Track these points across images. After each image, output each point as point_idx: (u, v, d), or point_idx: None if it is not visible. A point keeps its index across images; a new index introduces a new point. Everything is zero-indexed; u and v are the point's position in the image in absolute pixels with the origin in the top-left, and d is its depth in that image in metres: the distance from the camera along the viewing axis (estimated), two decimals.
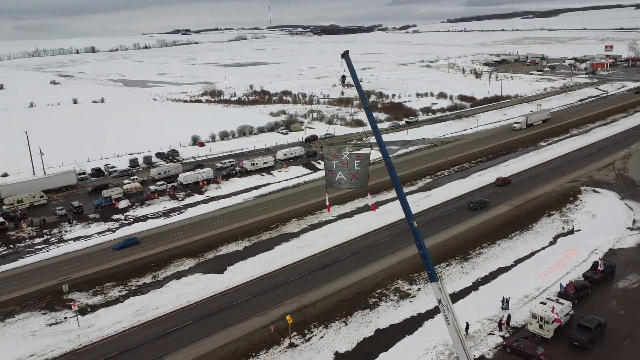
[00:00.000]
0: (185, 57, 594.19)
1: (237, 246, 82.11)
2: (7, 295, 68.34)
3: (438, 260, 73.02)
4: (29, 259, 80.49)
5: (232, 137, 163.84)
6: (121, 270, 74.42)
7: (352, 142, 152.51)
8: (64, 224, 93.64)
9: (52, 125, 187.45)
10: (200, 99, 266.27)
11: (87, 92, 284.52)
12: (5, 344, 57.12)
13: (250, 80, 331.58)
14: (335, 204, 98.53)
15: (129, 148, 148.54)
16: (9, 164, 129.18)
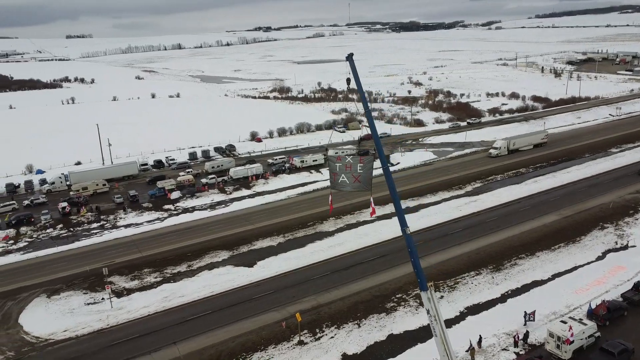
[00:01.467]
0: (262, 54, 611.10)
1: (271, 241, 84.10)
2: (58, 274, 74.75)
3: (467, 268, 70.67)
4: (84, 242, 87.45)
5: (289, 133, 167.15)
6: (160, 258, 78.87)
7: (408, 142, 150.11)
8: (119, 211, 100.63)
9: (128, 117, 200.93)
10: (269, 95, 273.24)
11: (166, 87, 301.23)
12: (47, 318, 62.76)
13: (320, 77, 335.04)
14: (375, 205, 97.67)
15: (193, 141, 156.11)
16: (84, 154, 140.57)
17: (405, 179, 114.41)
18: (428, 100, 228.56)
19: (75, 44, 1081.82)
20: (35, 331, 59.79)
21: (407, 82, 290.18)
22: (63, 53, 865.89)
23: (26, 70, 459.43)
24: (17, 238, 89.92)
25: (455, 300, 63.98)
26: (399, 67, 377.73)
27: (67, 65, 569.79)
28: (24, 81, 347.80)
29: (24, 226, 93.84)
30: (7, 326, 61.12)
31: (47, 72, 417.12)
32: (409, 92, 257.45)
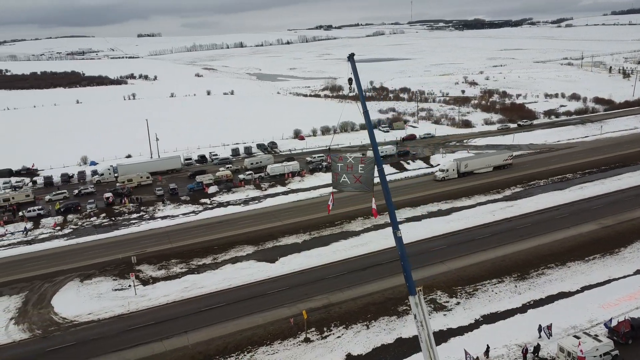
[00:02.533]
0: (320, 53, 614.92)
1: (296, 238, 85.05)
2: (94, 260, 79.33)
3: (489, 275, 68.37)
4: (122, 231, 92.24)
5: (333, 132, 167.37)
6: (188, 250, 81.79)
7: (451, 144, 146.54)
8: (159, 203, 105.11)
9: (181, 113, 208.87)
10: (319, 93, 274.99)
11: (222, 85, 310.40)
12: (76, 301, 66.85)
13: (373, 76, 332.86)
14: (407, 206, 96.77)
15: (239, 138, 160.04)
16: (135, 147, 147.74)
17: (439, 182, 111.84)
18: (481, 101, 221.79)
19: (145, 42, 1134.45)
20: (63, 312, 63.89)
21: (461, 82, 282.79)
22: (133, 51, 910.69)
23: (97, 67, 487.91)
24: (64, 225, 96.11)
25: (471, 307, 62.16)
26: (456, 66, 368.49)
27: (135, 62, 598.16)
28: (93, 77, 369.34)
29: (71, 214, 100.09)
30: (40, 306, 65.67)
31: (116, 69, 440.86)
32: (463, 92, 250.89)
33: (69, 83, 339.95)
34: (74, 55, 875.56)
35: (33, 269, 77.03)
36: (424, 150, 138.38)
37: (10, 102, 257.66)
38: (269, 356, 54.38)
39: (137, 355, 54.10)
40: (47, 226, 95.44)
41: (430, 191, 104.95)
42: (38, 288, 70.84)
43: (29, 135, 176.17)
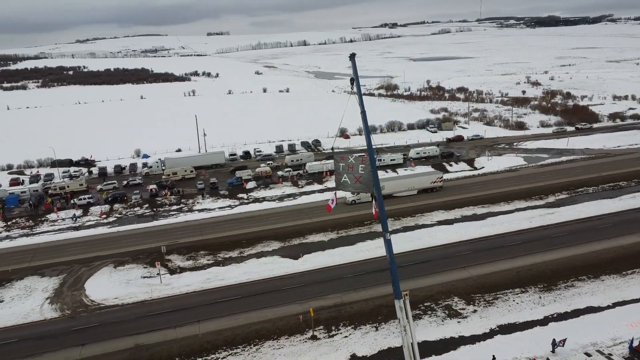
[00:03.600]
0: (381, 51, 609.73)
1: (323, 236, 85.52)
2: (130, 247, 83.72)
3: (512, 284, 65.68)
4: (160, 222, 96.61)
5: (379, 132, 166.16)
6: (217, 242, 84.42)
7: (500, 146, 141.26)
8: (198, 196, 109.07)
9: (234, 110, 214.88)
10: (373, 92, 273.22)
11: (279, 83, 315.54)
12: (107, 285, 70.96)
13: (432, 75, 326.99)
14: (441, 209, 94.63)
15: (287, 134, 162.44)
16: (185, 142, 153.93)
17: (481, 185, 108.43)
18: (541, 102, 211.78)
19: (214, 40, 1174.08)
20: (93, 295, 68.07)
21: (523, 82, 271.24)
22: (202, 49, 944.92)
23: (166, 64, 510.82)
24: (109, 213, 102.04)
25: (488, 316, 60.07)
26: (521, 66, 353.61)
27: (202, 60, 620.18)
28: (159, 74, 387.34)
29: (117, 203, 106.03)
30: (74, 288, 70.31)
31: (183, 66, 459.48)
32: (523, 92, 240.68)
33: (137, 79, 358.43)
34: (146, 53, 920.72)
35: (75, 253, 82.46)
36: (469, 152, 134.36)
37: (82, 96, 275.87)
38: (274, 350, 55.32)
39: (150, 340, 56.76)
40: (94, 214, 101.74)
41: (468, 194, 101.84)
42: (76, 271, 75.83)
43: (92, 127, 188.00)
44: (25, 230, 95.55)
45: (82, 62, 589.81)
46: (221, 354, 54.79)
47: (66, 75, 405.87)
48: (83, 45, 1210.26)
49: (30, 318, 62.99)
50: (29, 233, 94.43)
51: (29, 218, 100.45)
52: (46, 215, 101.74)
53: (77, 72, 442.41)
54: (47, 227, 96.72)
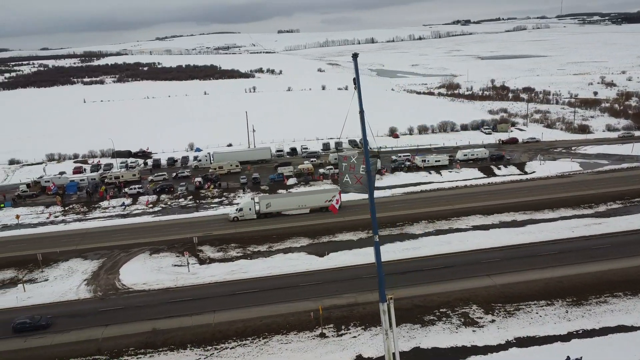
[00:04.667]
0: (449, 49, 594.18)
1: (353, 235, 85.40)
2: (168, 236, 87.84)
3: (538, 296, 62.41)
4: (201, 213, 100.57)
5: (431, 131, 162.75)
6: (248, 236, 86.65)
7: (556, 150, 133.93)
8: (240, 190, 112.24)
9: (289, 106, 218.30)
10: (433, 91, 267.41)
11: (339, 80, 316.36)
12: (139, 271, 74.99)
13: (499, 74, 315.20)
14: (479, 214, 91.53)
15: (337, 132, 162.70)
16: (237, 137, 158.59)
17: (527, 190, 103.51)
18: (613, 104, 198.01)
19: (284, 38, 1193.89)
20: (125, 280, 72.25)
21: (597, 82, 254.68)
22: (272, 46, 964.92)
23: (234, 61, 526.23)
24: (155, 203, 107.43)
25: (507, 327, 57.58)
26: (597, 65, 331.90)
27: (270, 57, 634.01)
28: (226, 71, 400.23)
29: (164, 194, 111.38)
30: (110, 272, 74.95)
31: (249, 63, 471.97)
32: (595, 93, 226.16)
33: (204, 76, 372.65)
34: (218, 50, 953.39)
35: (118, 239, 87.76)
36: (521, 156, 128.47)
37: (151, 91, 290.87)
38: (282, 345, 56.24)
39: (166, 325, 59.51)
40: (142, 203, 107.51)
41: (511, 200, 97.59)
42: (115, 256, 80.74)
43: (155, 121, 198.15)
44: (79, 216, 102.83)
45: (157, 58, 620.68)
46: (230, 344, 56.46)
47: (141, 71, 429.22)
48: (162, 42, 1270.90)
49: (66, 297, 67.97)
50: (81, 218, 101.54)
51: (84, 204, 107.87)
52: (100, 202, 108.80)
53: (152, 68, 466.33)
54: (99, 214, 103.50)
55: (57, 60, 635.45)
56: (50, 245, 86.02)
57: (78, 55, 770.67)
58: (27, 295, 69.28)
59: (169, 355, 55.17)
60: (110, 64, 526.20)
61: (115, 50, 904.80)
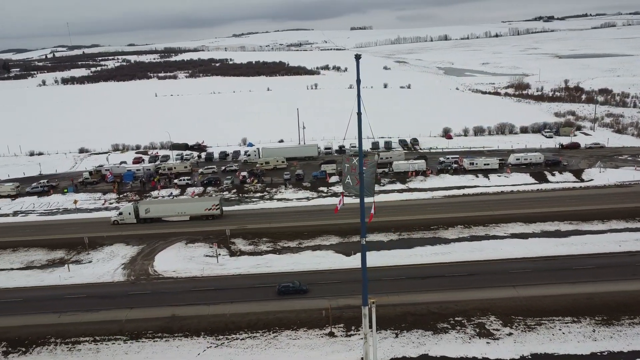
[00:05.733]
0: (526, 47, 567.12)
1: (384, 237, 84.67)
2: (206, 227, 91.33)
3: (564, 312, 58.94)
4: (242, 207, 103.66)
5: (488, 133, 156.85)
6: (281, 232, 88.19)
7: (621, 157, 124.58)
8: (282, 186, 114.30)
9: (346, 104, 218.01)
10: (499, 91, 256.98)
11: (403, 78, 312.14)
12: (173, 259, 78.70)
13: (575, 74, 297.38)
14: (520, 221, 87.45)
15: (390, 131, 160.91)
16: (289, 133, 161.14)
17: (579, 199, 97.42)
18: None
19: (356, 35, 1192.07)
20: (158, 266, 76.20)
21: None
22: (343, 43, 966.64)
23: (303, 58, 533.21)
24: (201, 195, 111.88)
25: (524, 341, 54.98)
26: None
27: (339, 54, 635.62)
28: (292, 68, 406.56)
29: (210, 187, 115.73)
30: (146, 259, 79.32)
31: (317, 60, 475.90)
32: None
33: (270, 72, 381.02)
34: (290, 47, 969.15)
35: (159, 228, 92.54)
36: (580, 162, 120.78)
37: (219, 87, 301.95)
38: (290, 340, 57.16)
39: (185, 312, 62.30)
40: (188, 194, 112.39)
41: (559, 208, 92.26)
42: (154, 244, 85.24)
43: (217, 115, 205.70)
44: None
45: (231, 55, 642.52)
46: (241, 335, 58.17)
47: (212, 67, 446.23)
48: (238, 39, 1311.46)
49: (102, 279, 72.87)
50: None
51: (137, 193, 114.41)
52: (151, 192, 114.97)
53: (223, 64, 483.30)
54: None
55: (139, 55, 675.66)
56: (100, 230, 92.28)
57: (159, 51, 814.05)
58: (70, 275, 74.98)
59: (183, 341, 57.78)
60: (186, 59, 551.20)
61: (192, 47, 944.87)
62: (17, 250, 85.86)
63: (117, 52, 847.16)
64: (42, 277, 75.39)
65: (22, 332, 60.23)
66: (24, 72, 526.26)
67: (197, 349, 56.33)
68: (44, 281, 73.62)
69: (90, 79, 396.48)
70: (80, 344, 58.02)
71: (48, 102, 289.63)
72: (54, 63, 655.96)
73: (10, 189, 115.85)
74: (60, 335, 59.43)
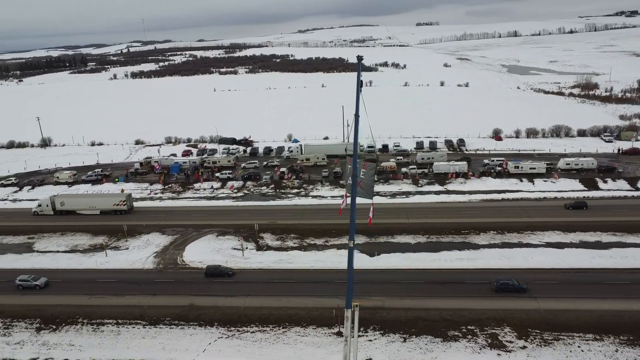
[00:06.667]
0: (601, 44, 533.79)
1: (412, 239, 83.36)
2: (238, 221, 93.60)
3: (586, 329, 55.75)
4: (277, 202, 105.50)
5: (541, 135, 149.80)
6: (309, 229, 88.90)
7: None
8: (318, 183, 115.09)
9: (397, 102, 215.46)
10: (564, 91, 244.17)
11: (463, 76, 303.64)
12: (201, 250, 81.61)
13: None
14: (558, 230, 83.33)
15: (438, 131, 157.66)
16: (334, 130, 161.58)
17: (629, 209, 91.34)
18: None
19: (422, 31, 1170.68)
20: (186, 256, 79.34)
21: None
22: (407, 39, 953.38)
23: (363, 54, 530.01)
24: (240, 189, 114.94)
25: (538, 356, 52.71)
26: None
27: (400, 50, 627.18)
28: (350, 64, 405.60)
29: (250, 181, 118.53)
30: (177, 248, 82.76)
31: (378, 56, 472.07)
32: None
33: (328, 68, 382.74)
34: (353, 43, 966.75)
35: (195, 219, 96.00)
36: (638, 170, 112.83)
37: (276, 82, 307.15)
38: (298, 337, 57.96)
39: (202, 302, 64.63)
40: (228, 188, 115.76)
41: (603, 218, 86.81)
42: (187, 234, 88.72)
43: (268, 110, 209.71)
44: (173, 194, 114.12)
45: (292, 51, 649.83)
46: (252, 328, 59.64)
47: (272, 63, 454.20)
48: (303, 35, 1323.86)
49: (134, 266, 76.91)
50: (175, 197, 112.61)
51: (181, 185, 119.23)
52: (194, 184, 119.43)
53: (283, 60, 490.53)
54: (190, 194, 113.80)
55: (205, 51, 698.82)
56: (141, 219, 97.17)
57: (225, 47, 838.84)
58: (107, 260, 79.70)
59: (197, 329, 60.05)
60: (249, 55, 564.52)
61: (257, 43, 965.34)
62: (65, 234, 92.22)
63: (186, 48, 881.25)
64: (82, 260, 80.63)
65: (55, 310, 64.90)
66: (99, 66, 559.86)
67: (208, 339, 58.38)
68: (83, 264, 78.73)
69: (157, 73, 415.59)
70: (104, 325, 61.76)
71: (114, 95, 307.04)
72: (126, 58, 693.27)
73: (68, 177, 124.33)
74: (87, 316, 63.52)
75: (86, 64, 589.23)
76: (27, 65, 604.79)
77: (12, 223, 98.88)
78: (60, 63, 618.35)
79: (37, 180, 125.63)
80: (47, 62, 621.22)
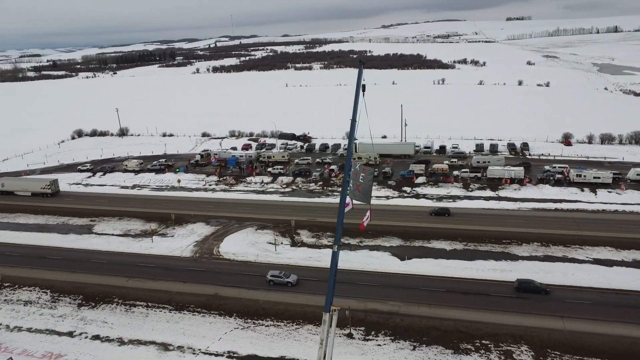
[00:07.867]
0: None
1: (448, 245, 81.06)
2: (279, 216, 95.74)
3: (612, 356, 51.60)
4: (322, 199, 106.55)
5: (618, 142, 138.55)
6: (345, 228, 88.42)
7: None
8: None
9: (466, 102, 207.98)
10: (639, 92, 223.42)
11: (545, 75, 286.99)
12: (238, 242, 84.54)
13: None
14: (610, 247, 77.42)
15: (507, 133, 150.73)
16: (393, 129, 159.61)
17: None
18: None
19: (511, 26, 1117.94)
20: (222, 248, 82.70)
21: None
22: (495, 35, 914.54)
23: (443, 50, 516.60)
24: (289, 185, 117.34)
25: None
26: None
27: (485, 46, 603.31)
28: (427, 61, 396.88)
29: (299, 177, 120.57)
30: (216, 239, 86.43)
31: (458, 53, 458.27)
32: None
33: (402, 65, 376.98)
34: (436, 39, 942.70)
35: (240, 212, 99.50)
36: None
37: (346, 79, 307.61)
38: (309, 334, 58.88)
39: (226, 293, 67.35)
40: (277, 183, 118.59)
41: None
42: (229, 226, 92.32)
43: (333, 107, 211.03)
44: (226, 187, 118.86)
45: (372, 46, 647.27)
46: (267, 322, 61.38)
47: (348, 59, 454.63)
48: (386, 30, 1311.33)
49: (173, 253, 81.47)
50: (227, 189, 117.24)
51: (235, 178, 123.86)
52: (247, 177, 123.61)
53: (361, 56, 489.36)
54: (242, 187, 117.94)
55: (286, 46, 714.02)
56: (191, 208, 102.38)
57: (306, 42, 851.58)
58: (151, 246, 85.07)
59: (217, 318, 62.80)
60: (327, 50, 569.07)
61: (338, 38, 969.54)
62: (121, 219, 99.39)
63: (269, 43, 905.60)
64: (130, 244, 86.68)
65: (96, 289, 70.59)
66: (185, 61, 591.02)
67: (225, 328, 60.90)
68: (129, 248, 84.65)
69: (236, 67, 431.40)
70: (135, 307, 66.33)
71: (193, 88, 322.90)
72: (212, 52, 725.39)
73: (135, 165, 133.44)
74: (122, 296, 68.50)
75: (174, 58, 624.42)
76: (123, 58, 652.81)
77: (79, 206, 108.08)
78: (152, 57, 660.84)
79: (108, 167, 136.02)
80: (140, 56, 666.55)
